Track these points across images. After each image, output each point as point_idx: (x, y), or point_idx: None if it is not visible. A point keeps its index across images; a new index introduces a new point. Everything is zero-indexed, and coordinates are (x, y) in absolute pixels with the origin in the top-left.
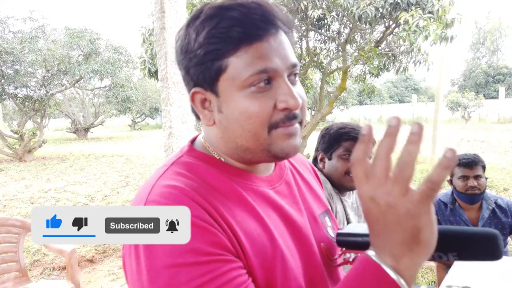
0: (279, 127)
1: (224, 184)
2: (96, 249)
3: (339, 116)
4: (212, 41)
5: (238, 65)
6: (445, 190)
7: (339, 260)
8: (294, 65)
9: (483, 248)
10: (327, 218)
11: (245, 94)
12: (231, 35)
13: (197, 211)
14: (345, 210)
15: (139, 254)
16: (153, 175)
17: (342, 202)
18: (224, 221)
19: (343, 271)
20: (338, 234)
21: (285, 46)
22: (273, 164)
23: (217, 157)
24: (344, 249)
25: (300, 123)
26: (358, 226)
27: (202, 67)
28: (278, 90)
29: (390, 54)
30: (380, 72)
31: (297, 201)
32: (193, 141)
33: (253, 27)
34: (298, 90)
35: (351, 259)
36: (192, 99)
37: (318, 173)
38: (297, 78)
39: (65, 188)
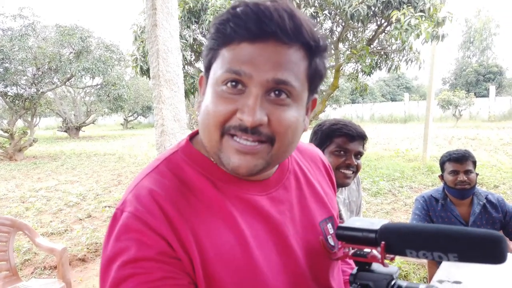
0: (231, 135)
1: (207, 190)
2: (88, 248)
3: (332, 114)
4: (212, 31)
5: (223, 59)
6: (437, 186)
7: (339, 254)
8: (280, 82)
9: (486, 251)
10: (329, 225)
11: (215, 90)
12: (227, 30)
13: (158, 222)
14: (337, 206)
15: (104, 243)
16: (144, 169)
17: None
18: (192, 233)
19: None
20: (338, 228)
21: (280, 58)
22: (275, 168)
23: (209, 157)
24: (343, 243)
25: (270, 144)
26: (358, 221)
27: (204, 54)
28: (244, 101)
29: (382, 53)
30: (373, 71)
31: (293, 207)
32: (193, 135)
33: (246, 27)
34: (281, 112)
35: (350, 253)
36: (199, 82)
37: None
38: (287, 100)
39: (57, 187)
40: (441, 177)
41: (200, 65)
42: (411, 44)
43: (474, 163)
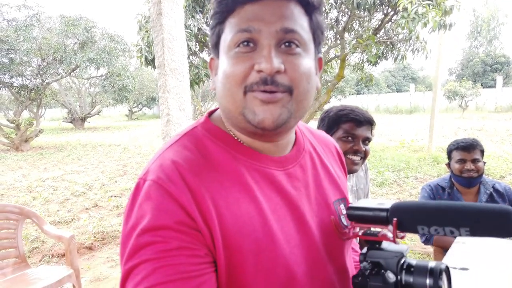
0: (253, 91)
1: (227, 163)
2: (94, 237)
3: (337, 105)
4: (215, 5)
5: (230, 26)
6: (443, 176)
7: (349, 234)
8: (288, 30)
9: (497, 224)
10: (342, 206)
11: (229, 55)
12: None
13: (181, 193)
14: None
15: (126, 210)
16: (166, 143)
17: None
18: (214, 204)
19: (356, 244)
20: (349, 208)
21: (284, 10)
22: (290, 145)
23: (229, 132)
24: (354, 223)
25: (289, 93)
26: (368, 201)
27: (211, 32)
28: (259, 54)
29: (388, 42)
30: (378, 61)
31: (308, 185)
32: (212, 112)
33: None
34: (293, 59)
35: (360, 233)
36: (210, 66)
37: None
38: (297, 50)
39: (63, 177)
40: (448, 165)
41: (205, 55)
42: (418, 33)
43: (482, 151)
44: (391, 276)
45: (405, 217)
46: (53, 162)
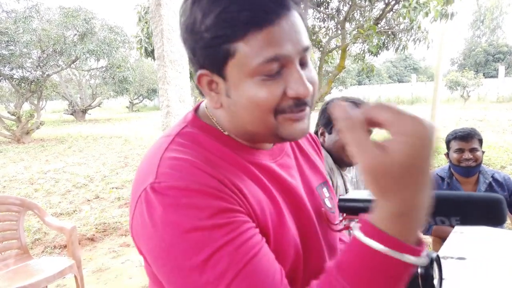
0: (286, 113)
1: (230, 156)
2: (96, 228)
3: (338, 96)
4: (219, 25)
5: (247, 51)
6: (443, 165)
7: (340, 226)
8: (306, 49)
9: (487, 213)
10: (325, 189)
11: (254, 81)
12: (240, 19)
13: (209, 181)
14: (345, 185)
15: (156, 223)
16: (157, 146)
17: (342, 176)
18: (237, 188)
19: (345, 235)
20: (340, 200)
21: (298, 28)
22: None
23: (220, 129)
24: (345, 214)
25: (310, 106)
26: (360, 193)
27: (209, 51)
28: (289, 78)
29: (389, 32)
30: (380, 51)
31: (295, 173)
32: (196, 109)
33: (263, 10)
34: (309, 74)
35: (351, 225)
36: (199, 81)
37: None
38: (308, 60)
39: (64, 169)
40: (447, 155)
41: None
42: (419, 23)
43: (480, 141)
44: None
45: None
46: (55, 154)
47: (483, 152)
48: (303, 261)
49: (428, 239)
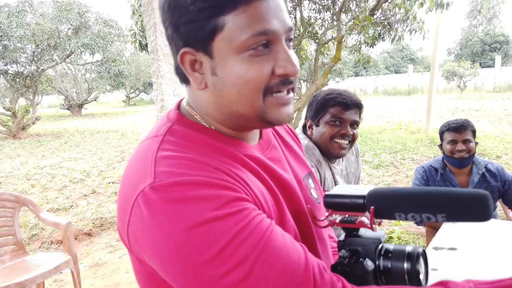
0: (273, 93)
1: (226, 150)
2: (93, 223)
3: (325, 89)
4: None
5: (236, 24)
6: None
7: (325, 222)
8: (291, 29)
9: (473, 209)
10: (310, 180)
11: (243, 57)
12: None
13: (212, 173)
14: (333, 177)
15: (161, 222)
16: (144, 148)
17: (330, 169)
18: (241, 179)
19: (332, 231)
20: (326, 196)
21: (282, 7)
22: (259, 131)
23: (207, 126)
24: (330, 210)
25: (293, 89)
26: (345, 188)
27: (195, 25)
28: (277, 55)
29: (385, 23)
30: (376, 42)
31: (285, 165)
32: (178, 107)
33: None
34: (293, 55)
35: (337, 221)
36: (181, 60)
37: (307, 140)
38: (291, 43)
39: (61, 164)
40: (440, 146)
41: None
42: (415, 13)
43: (474, 132)
44: (369, 264)
45: (382, 205)
46: (51, 150)
47: (476, 143)
48: None
49: (422, 229)
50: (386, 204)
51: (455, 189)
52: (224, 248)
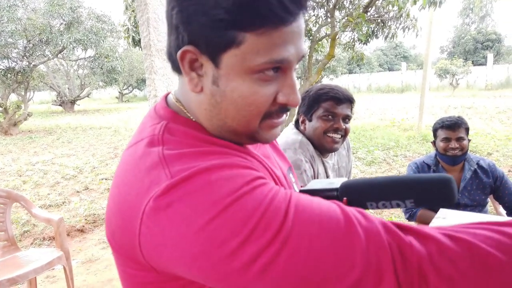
0: (271, 118)
1: (230, 146)
2: (86, 219)
3: (318, 85)
4: (235, 8)
5: (254, 46)
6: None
7: None
8: (304, 56)
9: (437, 193)
10: (291, 175)
11: (250, 78)
12: (260, 10)
13: (229, 158)
14: (326, 171)
15: (186, 216)
16: (144, 149)
17: (323, 163)
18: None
19: None
20: (301, 191)
21: (302, 32)
22: None
23: (199, 124)
24: None
25: (288, 110)
26: (319, 182)
27: (211, 31)
28: (284, 82)
29: (379, 20)
30: (369, 39)
31: (274, 161)
32: (165, 103)
33: (284, 7)
34: (297, 85)
35: None
36: (182, 56)
37: (301, 135)
38: (297, 66)
39: (53, 161)
40: (434, 143)
41: None
42: (408, 11)
43: (467, 129)
44: None
45: (354, 195)
46: (43, 146)
47: (469, 141)
48: None
49: (413, 224)
50: (358, 194)
51: (421, 175)
52: (259, 220)
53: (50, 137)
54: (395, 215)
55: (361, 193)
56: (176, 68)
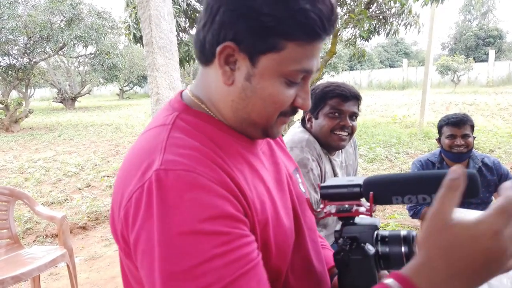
0: (284, 116)
1: (230, 146)
2: (88, 217)
3: (324, 82)
4: (284, 19)
5: (292, 54)
6: (433, 151)
7: (321, 213)
8: (318, 69)
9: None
10: (297, 175)
11: (280, 81)
12: (306, 25)
13: (218, 175)
14: (333, 169)
15: (151, 223)
16: (153, 135)
17: (330, 161)
18: (239, 183)
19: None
20: (322, 187)
21: (320, 51)
22: None
23: (214, 116)
24: (326, 202)
25: None
26: (338, 179)
27: (258, 35)
28: (302, 89)
29: (380, 17)
30: (371, 36)
31: (277, 160)
32: (180, 97)
33: (323, 26)
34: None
35: (333, 211)
36: (221, 50)
37: (308, 134)
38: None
39: (55, 158)
40: (438, 140)
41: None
42: (410, 7)
43: (472, 127)
44: (370, 248)
45: (380, 190)
46: (44, 143)
47: (474, 138)
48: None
49: (417, 222)
50: (384, 189)
51: (445, 171)
52: (196, 266)
53: (51, 134)
54: (398, 212)
55: (387, 188)
56: (205, 60)
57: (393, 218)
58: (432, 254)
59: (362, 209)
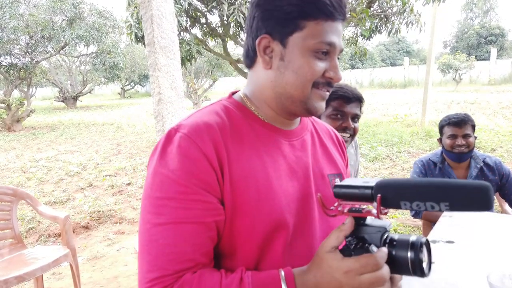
0: (318, 88)
1: (245, 129)
2: (90, 216)
3: None
4: (301, 3)
5: (312, 31)
6: (435, 150)
7: (334, 212)
8: (342, 50)
9: (475, 199)
10: (337, 179)
11: (309, 55)
12: (319, 6)
13: (207, 148)
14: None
15: (153, 159)
16: (198, 109)
17: None
18: (222, 159)
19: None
20: (336, 186)
21: (341, 33)
22: (297, 123)
23: (249, 108)
24: (339, 200)
25: (329, 91)
26: (353, 180)
27: (284, 21)
28: (331, 63)
29: (382, 16)
30: (372, 34)
31: (308, 156)
32: (233, 93)
33: (333, 6)
34: (339, 67)
35: (345, 210)
36: (259, 42)
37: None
38: (339, 59)
39: (57, 157)
40: (440, 140)
41: (196, 31)
42: (411, 6)
43: (473, 126)
44: (374, 249)
45: (389, 194)
46: (46, 142)
47: (476, 138)
48: (291, 235)
49: (418, 222)
50: (393, 193)
51: (459, 180)
52: (160, 198)
53: (53, 134)
54: (400, 211)
55: (397, 192)
56: (249, 62)
57: (395, 218)
58: (312, 267)
59: (373, 210)
